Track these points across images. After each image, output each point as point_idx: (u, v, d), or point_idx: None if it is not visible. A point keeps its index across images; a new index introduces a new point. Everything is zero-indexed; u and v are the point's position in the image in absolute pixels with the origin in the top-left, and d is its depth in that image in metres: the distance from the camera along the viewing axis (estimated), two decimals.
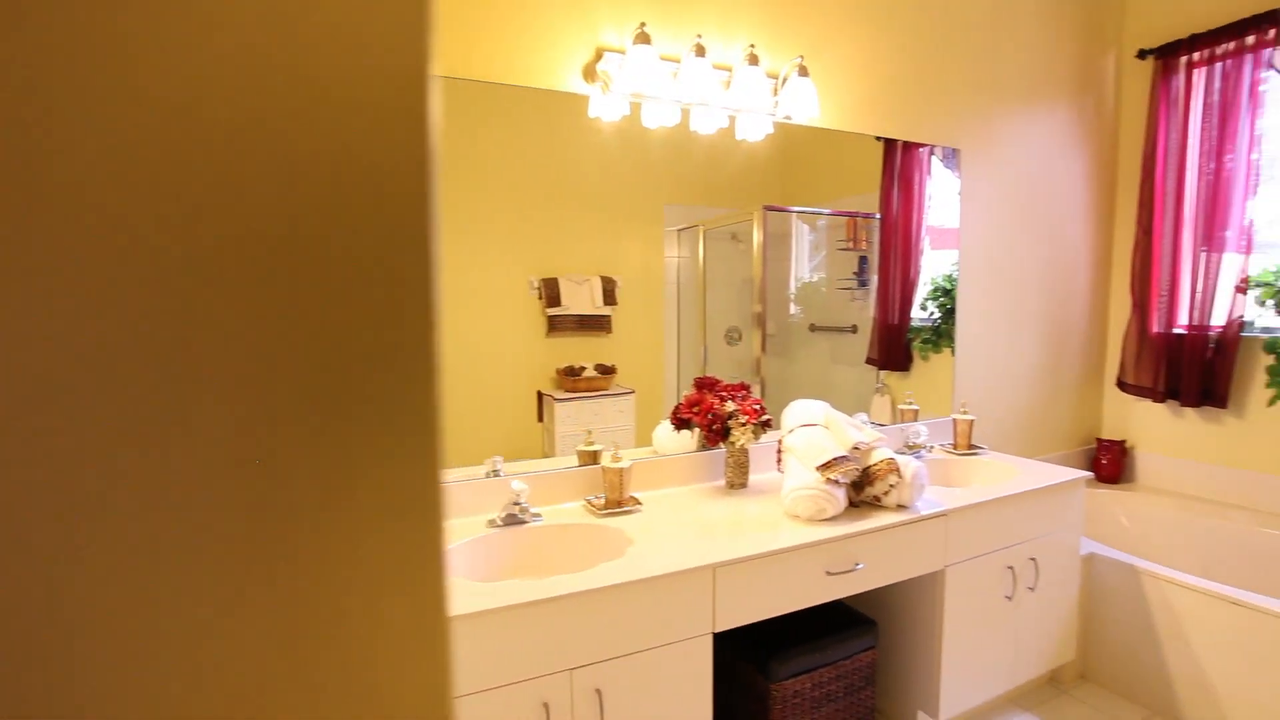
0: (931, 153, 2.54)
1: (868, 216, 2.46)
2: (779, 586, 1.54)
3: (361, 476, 0.36)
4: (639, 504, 1.78)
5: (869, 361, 2.53)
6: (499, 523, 1.63)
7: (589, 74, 1.83)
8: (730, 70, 1.99)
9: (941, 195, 2.58)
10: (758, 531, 1.61)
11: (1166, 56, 2.77)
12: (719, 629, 1.47)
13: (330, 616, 0.36)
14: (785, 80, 2.03)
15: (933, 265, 2.60)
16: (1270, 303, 2.50)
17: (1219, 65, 2.64)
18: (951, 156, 2.57)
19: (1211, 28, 2.64)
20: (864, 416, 2.32)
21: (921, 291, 2.60)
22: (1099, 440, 3.05)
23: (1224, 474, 2.73)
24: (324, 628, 0.36)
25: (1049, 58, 2.77)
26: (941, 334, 2.62)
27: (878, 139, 2.41)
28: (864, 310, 2.51)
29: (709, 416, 1.82)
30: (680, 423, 1.90)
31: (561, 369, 1.90)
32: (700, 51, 1.84)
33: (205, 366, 0.33)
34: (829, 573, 1.60)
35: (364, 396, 0.35)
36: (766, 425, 1.87)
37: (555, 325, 1.89)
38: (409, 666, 0.36)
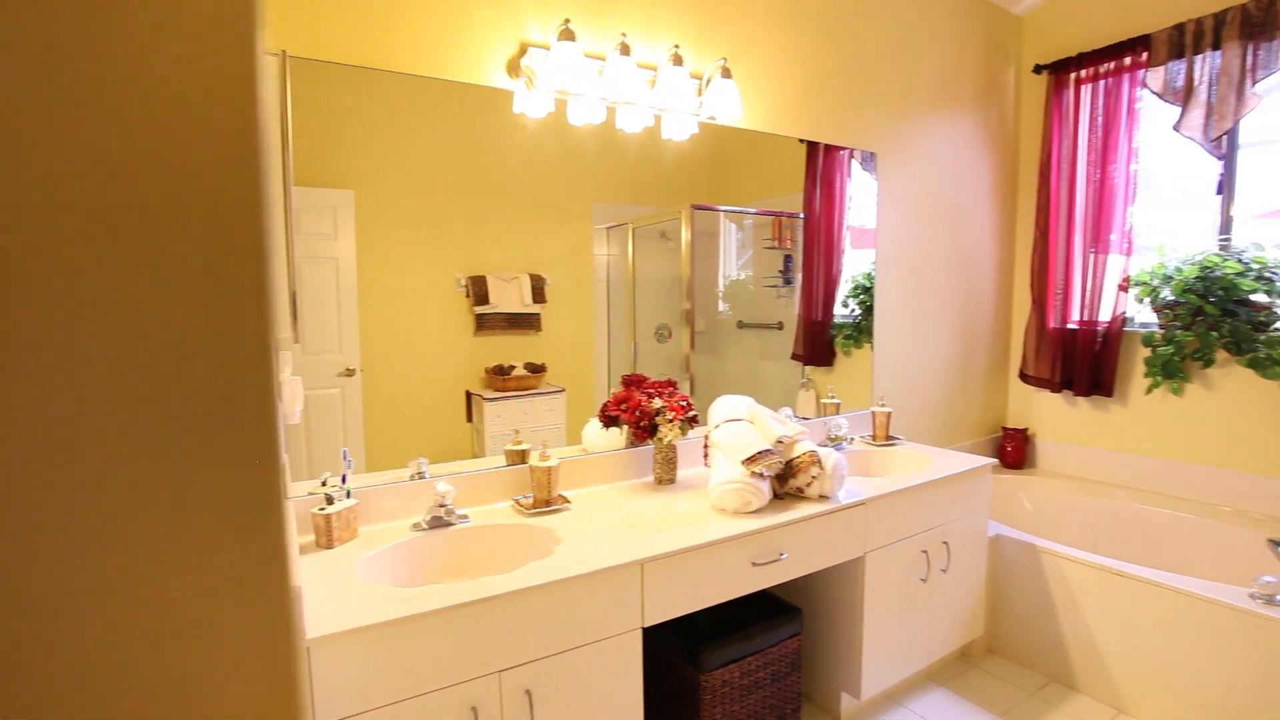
0: (851, 156, 2.64)
1: (792, 216, 2.53)
2: (706, 579, 1.57)
3: (187, 475, 0.34)
4: (568, 502, 1.77)
5: (795, 357, 2.61)
6: (424, 526, 1.60)
7: (513, 69, 1.81)
8: (655, 70, 2.01)
9: (861, 196, 2.69)
10: (685, 526, 1.63)
11: (1058, 72, 2.98)
12: (648, 623, 1.48)
13: (150, 618, 0.34)
14: (709, 81, 2.07)
15: (854, 264, 2.71)
16: (1147, 300, 2.74)
17: (1102, 82, 2.86)
18: (869, 160, 2.68)
19: (1095, 48, 2.86)
20: (788, 411, 2.39)
21: (843, 289, 2.70)
22: (1004, 429, 3.26)
23: (1111, 457, 2.97)
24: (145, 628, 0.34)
25: (956, 69, 2.93)
26: (862, 330, 2.73)
27: (801, 141, 2.48)
28: (789, 307, 2.58)
29: (637, 414, 1.84)
30: (608, 420, 1.91)
31: (491, 368, 1.87)
32: (625, 50, 1.85)
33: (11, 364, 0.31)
34: (755, 563, 1.64)
35: (187, 397, 0.34)
36: (693, 421, 1.89)
37: (483, 324, 1.85)
38: (242, 667, 0.35)
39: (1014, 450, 3.19)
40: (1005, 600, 2.45)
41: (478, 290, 1.84)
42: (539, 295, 1.95)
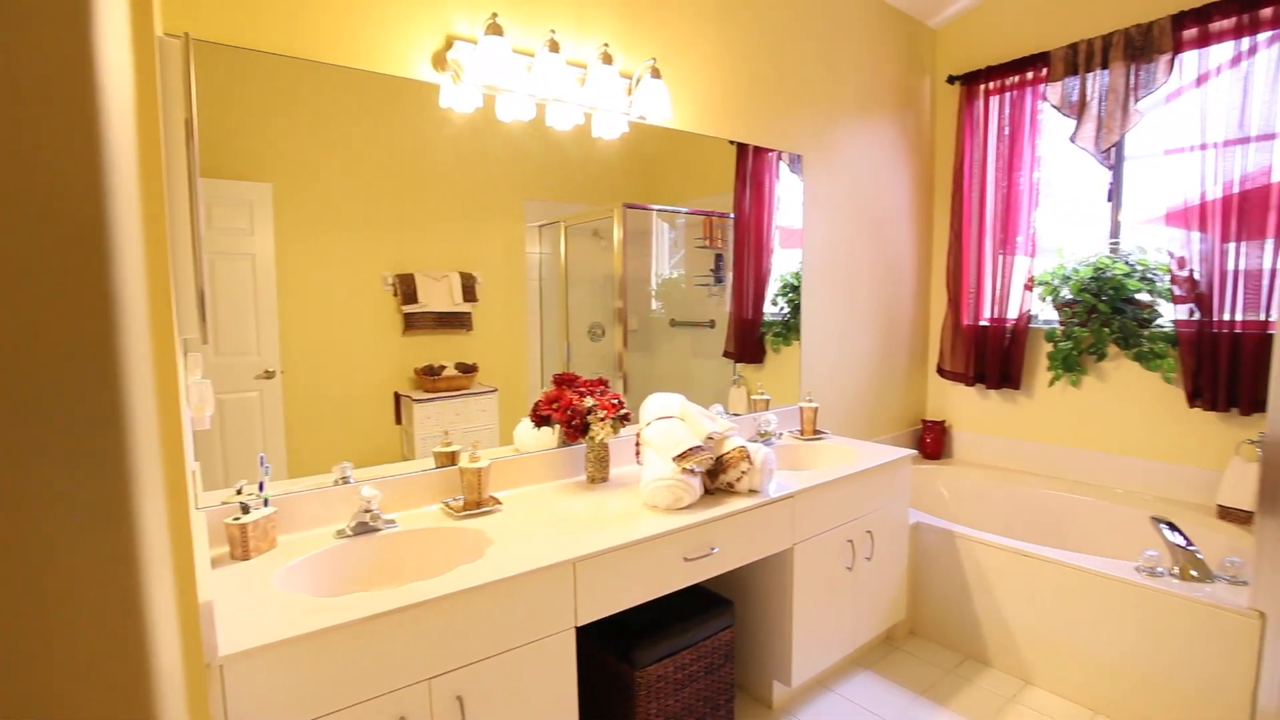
0: (779, 158, 2.71)
1: (723, 216, 2.58)
2: (639, 576, 1.58)
3: (30, 481, 0.32)
4: (499, 504, 1.75)
5: (726, 355, 2.65)
6: (349, 532, 1.54)
7: (439, 62, 1.76)
8: (585, 68, 2.01)
9: (789, 197, 2.77)
10: (618, 524, 1.64)
11: (969, 83, 3.15)
12: (581, 622, 1.48)
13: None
14: (639, 81, 2.08)
15: (783, 263, 2.78)
16: (1049, 299, 2.93)
17: (1008, 94, 3.04)
18: (796, 162, 2.76)
19: (1002, 61, 3.04)
20: (719, 407, 2.43)
21: (773, 288, 2.77)
22: (924, 421, 3.42)
23: (1020, 446, 3.16)
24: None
25: (877, 77, 3.05)
26: (791, 328, 2.80)
27: (731, 143, 2.53)
28: (721, 306, 2.63)
29: (568, 413, 1.83)
30: (540, 420, 1.89)
31: (420, 368, 1.83)
32: (554, 47, 1.83)
33: None
34: (687, 559, 1.66)
35: (25, 399, 0.32)
36: (625, 419, 1.90)
37: (412, 323, 1.81)
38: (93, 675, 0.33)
39: (933, 441, 3.36)
40: (925, 584, 2.57)
41: (406, 289, 1.79)
42: (470, 294, 1.91)
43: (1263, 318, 2.38)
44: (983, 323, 3.17)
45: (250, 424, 1.58)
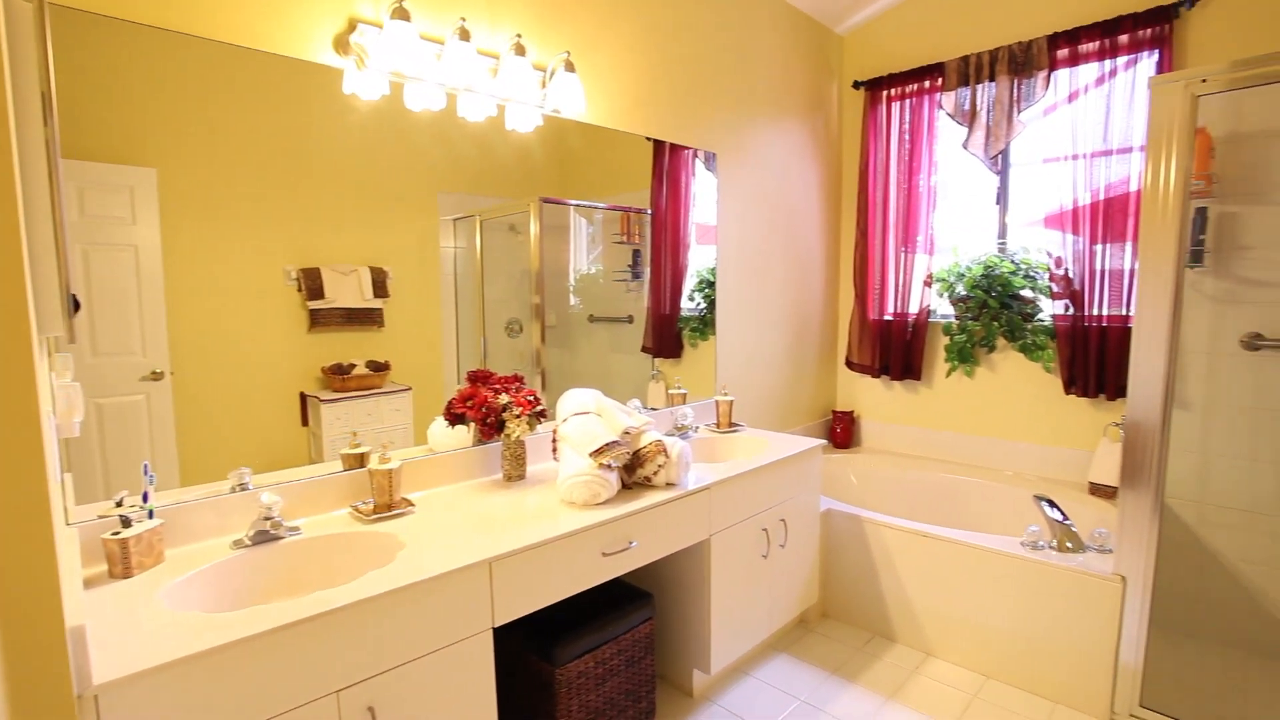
0: (695, 155, 2.75)
1: (640, 212, 2.59)
2: (558, 573, 1.58)
3: None
4: (411, 505, 1.70)
5: (645, 350, 2.68)
6: (247, 542, 1.45)
7: (341, 46, 1.68)
8: (497, 58, 1.97)
9: (705, 194, 2.82)
10: (535, 521, 1.62)
11: (873, 89, 3.30)
12: (499, 623, 1.46)
13: None
14: (553, 74, 2.06)
15: (699, 259, 2.83)
16: (945, 294, 3.13)
17: (908, 101, 3.21)
18: (712, 160, 2.81)
19: (902, 69, 3.21)
20: (637, 403, 2.45)
21: (690, 283, 2.81)
22: (834, 412, 3.57)
23: (922, 433, 3.36)
24: None
25: (787, 79, 3.15)
26: (707, 323, 2.86)
27: (648, 139, 2.55)
28: (639, 301, 2.64)
29: (483, 410, 1.80)
30: (454, 418, 1.85)
31: (328, 367, 1.74)
32: (465, 35, 1.79)
33: None
34: (605, 553, 1.67)
35: None
36: (542, 416, 1.89)
37: (319, 320, 1.72)
38: None
39: (842, 431, 3.51)
40: (836, 568, 2.69)
41: (311, 284, 1.70)
42: (381, 289, 1.84)
43: (1124, 313, 2.63)
44: (887, 317, 3.34)
45: (135, 430, 1.46)
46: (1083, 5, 2.71)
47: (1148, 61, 2.56)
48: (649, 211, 2.62)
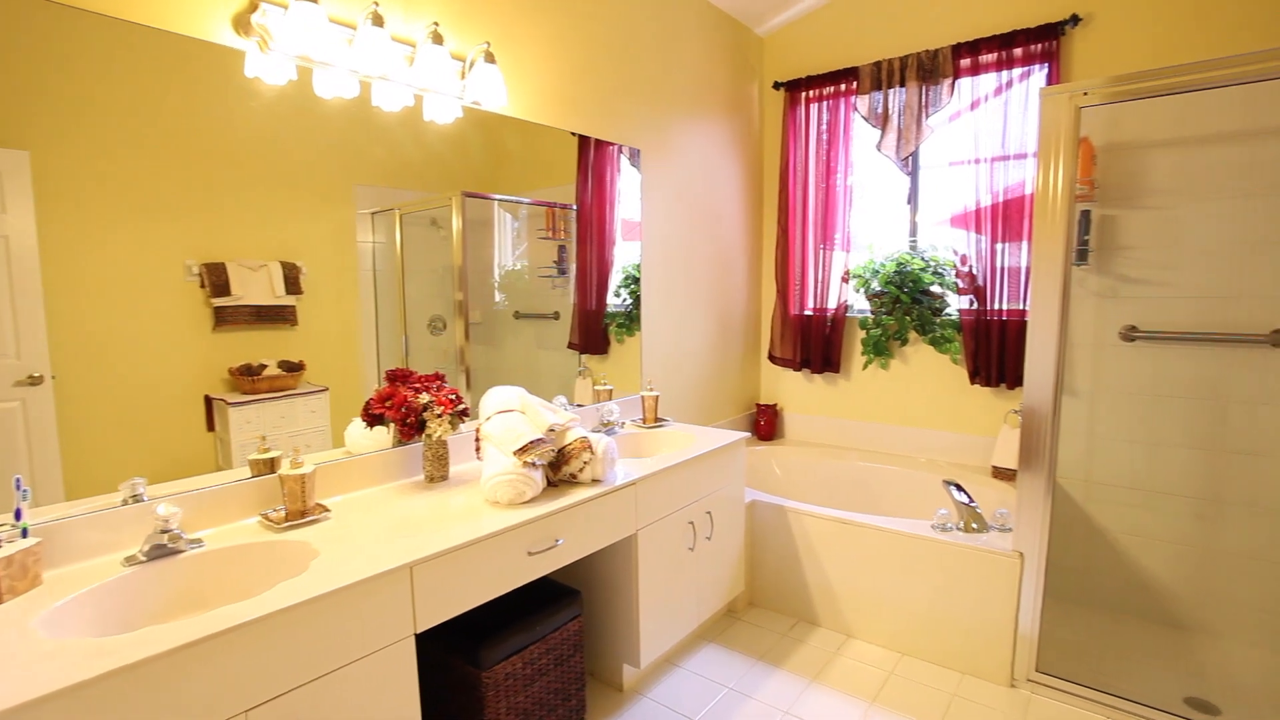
0: (620, 151, 2.75)
1: (565, 207, 2.57)
2: (482, 574, 1.55)
3: None
4: (327, 511, 1.63)
5: (571, 346, 2.66)
6: (141, 558, 1.35)
7: (242, 26, 1.58)
8: (414, 46, 1.90)
9: (630, 190, 2.82)
10: (459, 523, 1.59)
11: (793, 90, 3.40)
12: (422, 629, 1.42)
13: None
14: (472, 65, 2.01)
15: (625, 255, 2.84)
16: (862, 290, 3.26)
17: (825, 103, 3.32)
18: (636, 156, 2.82)
19: (820, 72, 3.31)
20: (563, 399, 2.44)
21: (616, 279, 2.81)
22: (758, 405, 3.67)
23: (842, 424, 3.49)
24: None
25: (709, 78, 3.20)
26: (634, 318, 2.87)
27: (573, 135, 2.53)
28: (565, 297, 2.62)
29: (402, 410, 1.74)
30: (372, 419, 1.78)
31: (236, 368, 1.64)
32: (378, 20, 1.72)
33: None
34: (531, 553, 1.65)
35: None
36: (464, 415, 1.85)
37: (225, 318, 1.62)
38: None
39: (766, 424, 3.61)
40: (761, 557, 2.77)
41: (216, 279, 1.60)
42: (294, 285, 1.75)
43: (1022, 307, 2.82)
44: (807, 312, 3.45)
45: (10, 440, 1.33)
46: (982, 19, 2.88)
47: (1039, 74, 2.74)
48: (574, 207, 2.60)
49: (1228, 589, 2.48)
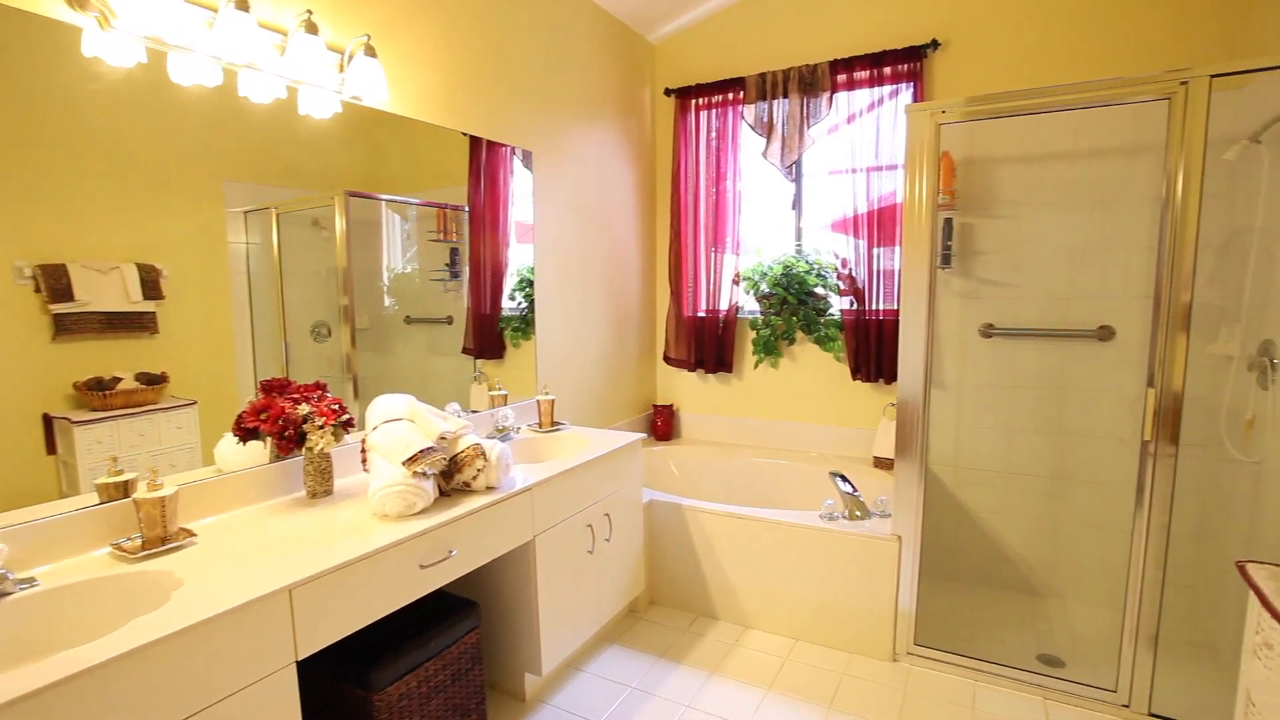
0: (513, 153, 2.71)
1: (457, 209, 2.50)
2: (371, 592, 1.47)
3: None
4: (193, 536, 1.49)
5: (466, 351, 2.59)
6: None
7: (77, 0, 1.42)
8: (285, 34, 1.78)
9: (524, 192, 2.78)
10: (344, 538, 1.51)
11: (683, 97, 3.48)
12: (304, 655, 1.33)
13: None
14: (351, 58, 1.91)
15: (520, 257, 2.79)
16: (751, 292, 3.39)
17: (714, 111, 3.43)
18: (529, 158, 2.78)
19: (709, 80, 3.41)
20: (455, 406, 2.37)
21: (510, 282, 2.77)
22: (654, 406, 3.72)
23: (736, 422, 3.61)
24: None
25: (602, 82, 3.22)
26: (529, 322, 2.83)
27: (464, 135, 2.46)
28: (458, 301, 2.55)
29: (280, 423, 1.63)
30: (245, 433, 1.65)
31: (84, 382, 1.47)
32: (242, 4, 1.59)
33: None
34: (423, 565, 1.59)
35: None
36: (349, 425, 1.75)
37: (67, 326, 1.44)
38: None
39: (663, 424, 3.67)
40: (660, 555, 2.81)
41: (55, 283, 1.42)
42: (153, 289, 1.59)
43: (896, 308, 3.04)
44: (700, 314, 3.55)
45: None
46: (856, 38, 3.08)
47: (906, 92, 2.96)
48: (467, 209, 2.53)
49: (1071, 556, 2.79)
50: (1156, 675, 2.03)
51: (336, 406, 1.75)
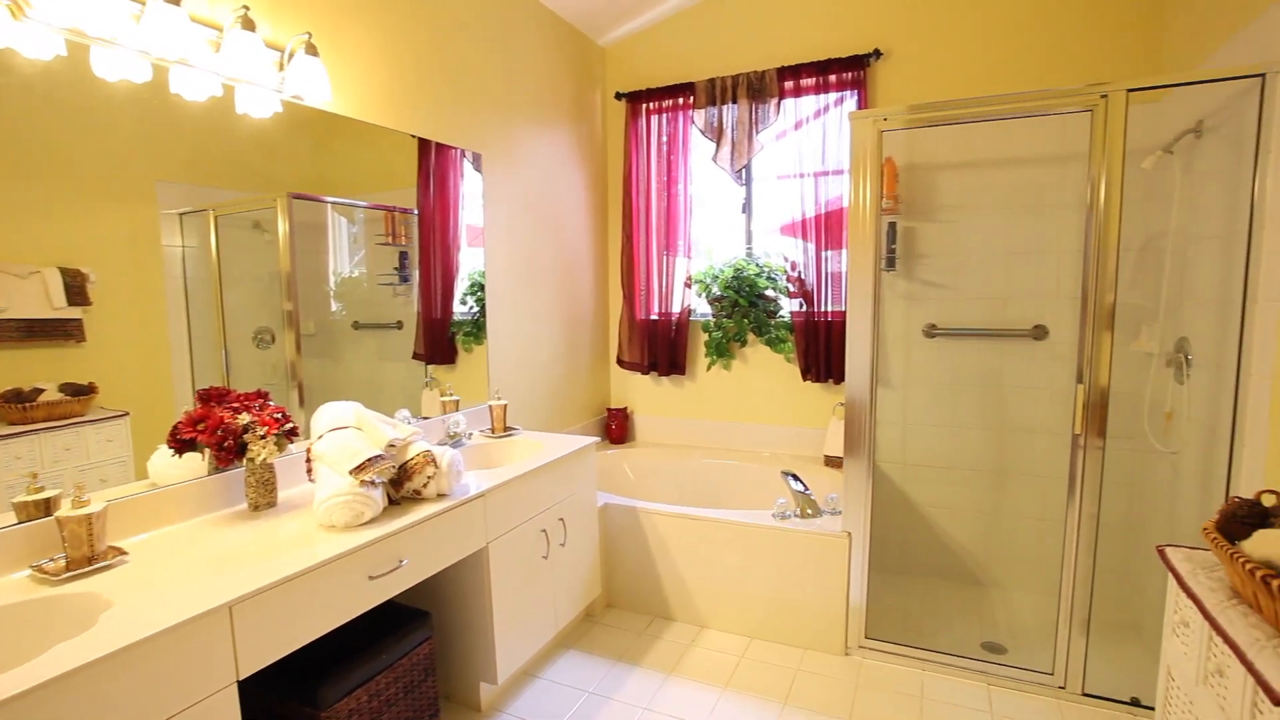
0: (463, 155, 2.67)
1: (405, 212, 2.46)
2: (318, 605, 1.43)
3: None
4: (123, 554, 1.42)
5: (416, 357, 2.54)
6: None
7: None
8: (220, 30, 1.72)
9: (475, 195, 2.75)
10: (289, 551, 1.46)
11: (634, 101, 3.50)
12: (246, 674, 1.28)
13: None
14: (291, 56, 1.86)
15: (471, 261, 2.76)
16: (703, 295, 3.43)
17: (665, 115, 3.46)
18: (479, 160, 2.75)
19: (659, 85, 3.44)
20: (405, 413, 2.33)
21: (462, 286, 2.73)
22: (609, 409, 3.72)
23: (689, 424, 3.64)
24: None
25: (552, 86, 3.21)
26: (481, 326, 2.80)
27: (413, 136, 2.42)
28: (408, 306, 2.50)
29: (219, 433, 1.57)
30: (182, 445, 1.59)
31: (2, 394, 1.38)
32: None
33: None
34: (372, 576, 1.55)
35: None
36: (293, 435, 1.70)
37: None
38: None
39: (617, 427, 3.68)
40: (616, 558, 2.81)
41: None
42: (79, 295, 1.51)
43: (844, 309, 3.11)
44: (653, 317, 3.56)
45: None
46: (802, 46, 3.15)
47: (851, 100, 3.04)
48: (416, 212, 2.49)
49: (1011, 547, 2.90)
50: (1090, 657, 2.13)
51: (280, 415, 1.69)
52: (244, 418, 1.62)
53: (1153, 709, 2.02)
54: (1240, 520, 1.18)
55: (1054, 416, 2.77)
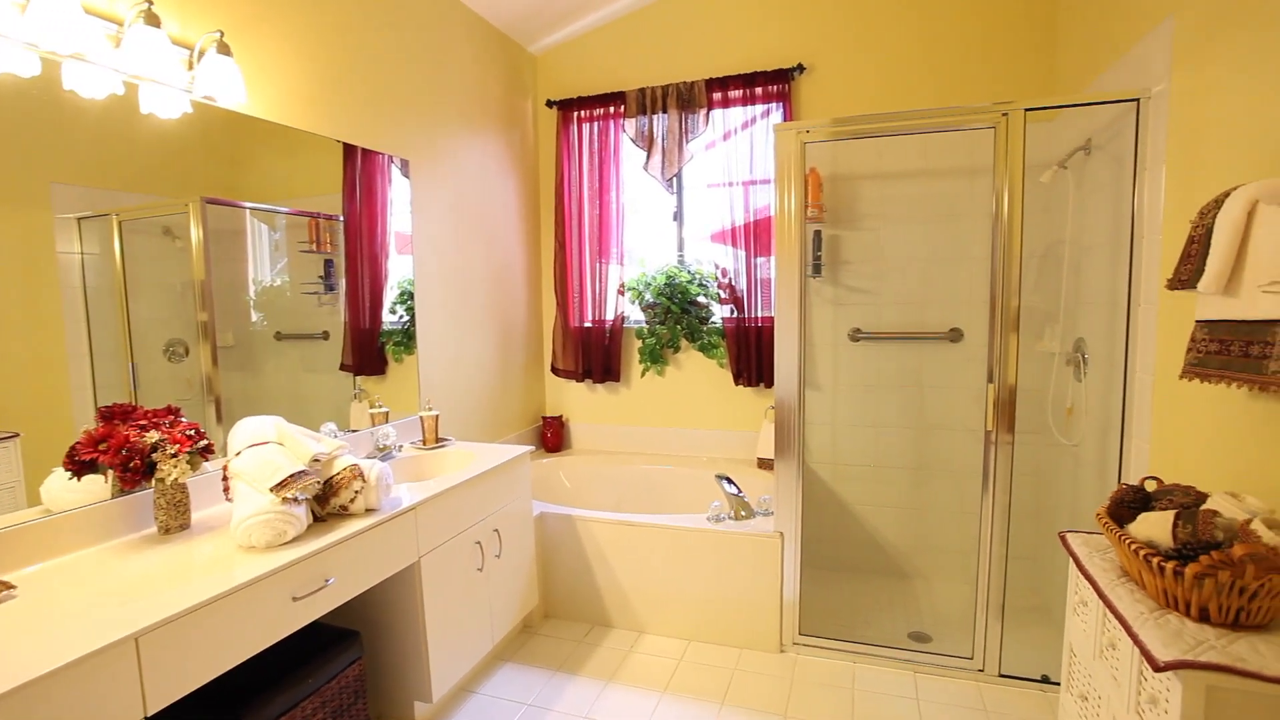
0: (392, 161, 2.61)
1: (331, 218, 2.38)
2: (237, 630, 1.36)
3: None
4: (11, 588, 1.31)
5: (344, 368, 2.46)
6: None
7: None
8: (120, 25, 1.63)
9: (404, 202, 2.69)
10: (204, 576, 1.38)
11: (565, 109, 3.50)
12: (156, 709, 1.21)
13: None
14: (202, 55, 1.78)
15: (400, 270, 2.69)
16: (636, 302, 3.46)
17: (596, 123, 3.48)
18: (407, 166, 2.69)
19: (590, 94, 3.46)
20: (331, 426, 2.25)
21: (391, 295, 2.66)
22: (544, 418, 3.70)
23: (625, 430, 3.65)
24: None
25: (482, 92, 3.17)
26: (411, 336, 2.73)
27: (338, 141, 2.35)
28: (335, 315, 2.42)
29: (123, 453, 1.47)
30: (80, 467, 1.48)
31: None
32: None
33: None
34: (296, 597, 1.49)
35: None
36: (208, 452, 1.61)
37: None
38: None
39: (553, 436, 3.66)
40: (553, 568, 2.79)
41: None
42: None
43: (774, 315, 3.20)
44: (587, 324, 3.57)
45: None
46: (729, 59, 3.23)
47: (777, 112, 3.15)
48: (342, 218, 2.41)
49: (933, 539, 3.05)
50: (1005, 640, 2.26)
51: (192, 432, 1.60)
52: (152, 435, 1.52)
53: (1059, 684, 2.16)
54: (1127, 505, 1.29)
55: (969, 414, 2.93)
